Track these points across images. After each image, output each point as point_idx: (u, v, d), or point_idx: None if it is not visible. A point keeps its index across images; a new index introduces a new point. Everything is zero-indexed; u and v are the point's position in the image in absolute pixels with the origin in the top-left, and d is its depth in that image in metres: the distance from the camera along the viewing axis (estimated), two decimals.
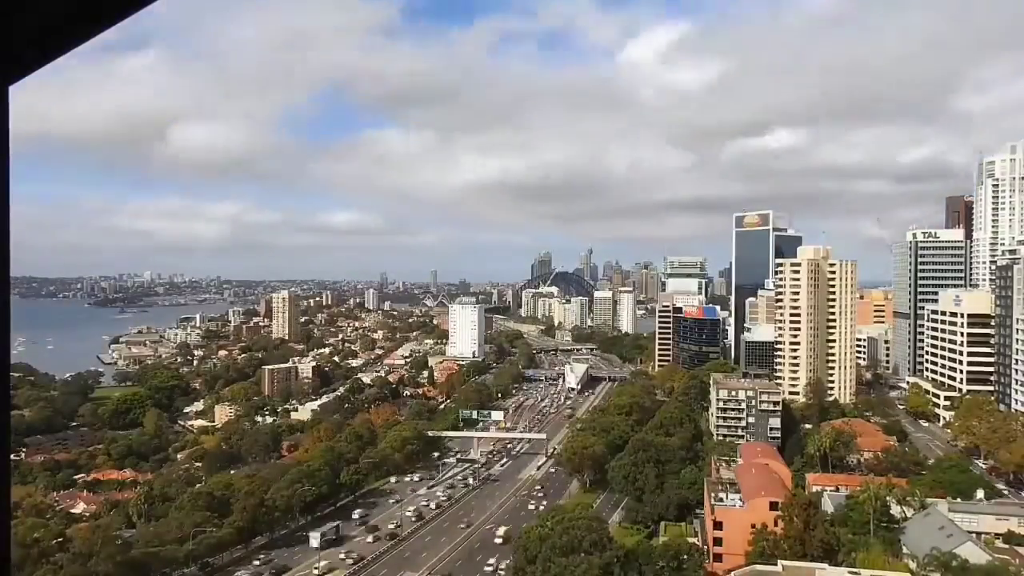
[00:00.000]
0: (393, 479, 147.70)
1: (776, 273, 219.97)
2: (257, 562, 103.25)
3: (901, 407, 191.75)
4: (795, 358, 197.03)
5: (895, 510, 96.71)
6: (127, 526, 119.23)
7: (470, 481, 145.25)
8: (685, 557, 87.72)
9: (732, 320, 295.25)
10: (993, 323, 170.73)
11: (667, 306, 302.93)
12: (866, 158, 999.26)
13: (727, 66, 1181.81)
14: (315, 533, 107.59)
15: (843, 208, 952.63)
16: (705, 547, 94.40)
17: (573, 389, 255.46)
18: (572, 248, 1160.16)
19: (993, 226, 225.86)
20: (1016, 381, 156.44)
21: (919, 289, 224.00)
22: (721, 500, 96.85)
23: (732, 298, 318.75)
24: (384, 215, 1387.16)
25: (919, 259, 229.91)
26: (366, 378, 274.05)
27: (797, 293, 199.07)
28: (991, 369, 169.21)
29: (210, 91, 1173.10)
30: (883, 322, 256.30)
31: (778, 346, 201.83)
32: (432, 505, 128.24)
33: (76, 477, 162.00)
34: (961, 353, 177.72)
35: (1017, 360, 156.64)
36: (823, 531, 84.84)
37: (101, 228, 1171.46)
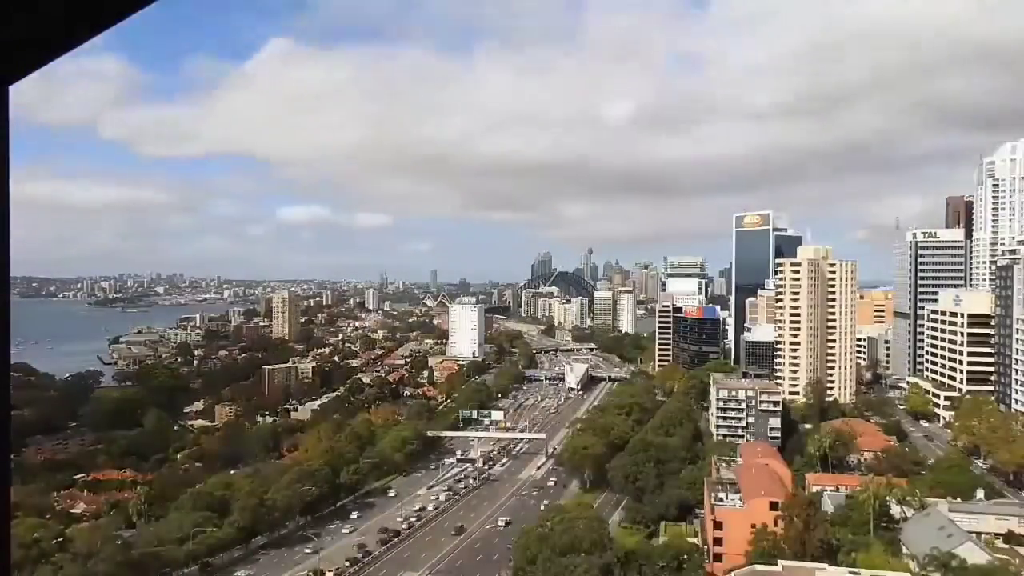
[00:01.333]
0: (392, 479, 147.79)
1: (776, 273, 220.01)
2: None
3: (901, 407, 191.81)
4: (795, 358, 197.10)
5: (895, 510, 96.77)
6: (127, 526, 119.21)
7: (470, 481, 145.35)
8: (685, 557, 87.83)
9: (732, 320, 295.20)
10: (993, 323, 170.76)
11: (667, 306, 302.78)
12: None
13: None
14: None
15: None
16: (705, 547, 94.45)
17: (573, 389, 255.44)
18: (572, 248, 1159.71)
19: (993, 226, 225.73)
20: (1016, 381, 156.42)
21: (919, 289, 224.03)
22: (721, 500, 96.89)
23: (732, 298, 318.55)
24: None
25: (919, 259, 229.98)
26: (366, 378, 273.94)
27: (797, 293, 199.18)
28: (991, 369, 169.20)
29: None
30: (883, 322, 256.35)
31: (778, 346, 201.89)
32: (429, 507, 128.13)
33: (76, 477, 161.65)
34: (961, 353, 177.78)
35: (1017, 360, 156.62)
36: (823, 531, 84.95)
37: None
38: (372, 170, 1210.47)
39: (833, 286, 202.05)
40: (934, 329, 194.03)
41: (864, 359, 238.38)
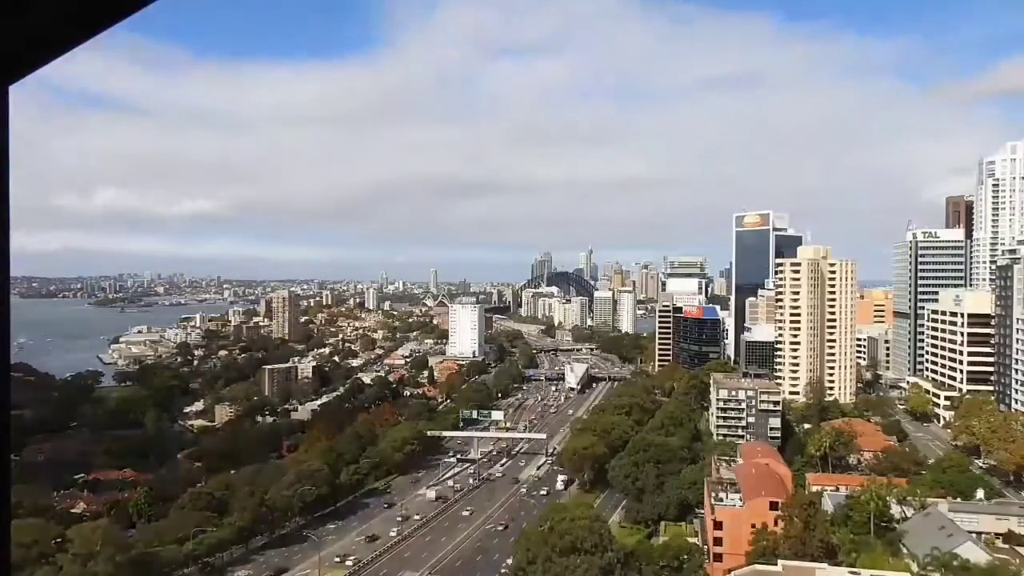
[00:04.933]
0: (392, 479, 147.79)
1: (776, 273, 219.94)
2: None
3: (901, 407, 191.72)
4: (795, 358, 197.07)
5: (895, 510, 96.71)
6: (127, 526, 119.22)
7: (470, 481, 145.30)
8: (685, 557, 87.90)
9: (732, 320, 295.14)
10: (993, 323, 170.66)
11: (667, 306, 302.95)
12: None
13: None
14: None
15: None
16: (705, 547, 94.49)
17: (573, 389, 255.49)
18: (572, 248, 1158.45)
19: (993, 226, 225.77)
20: (1016, 381, 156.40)
21: (919, 289, 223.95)
22: (721, 500, 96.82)
23: (732, 298, 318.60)
24: None
25: (919, 259, 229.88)
26: (366, 378, 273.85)
27: (797, 293, 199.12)
28: (991, 369, 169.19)
29: None
30: (883, 322, 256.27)
31: (778, 346, 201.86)
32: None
33: (76, 477, 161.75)
34: (961, 353, 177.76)
35: (1017, 360, 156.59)
36: (823, 531, 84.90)
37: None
38: None
39: (833, 286, 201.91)
40: (934, 329, 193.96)
41: (864, 359, 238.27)
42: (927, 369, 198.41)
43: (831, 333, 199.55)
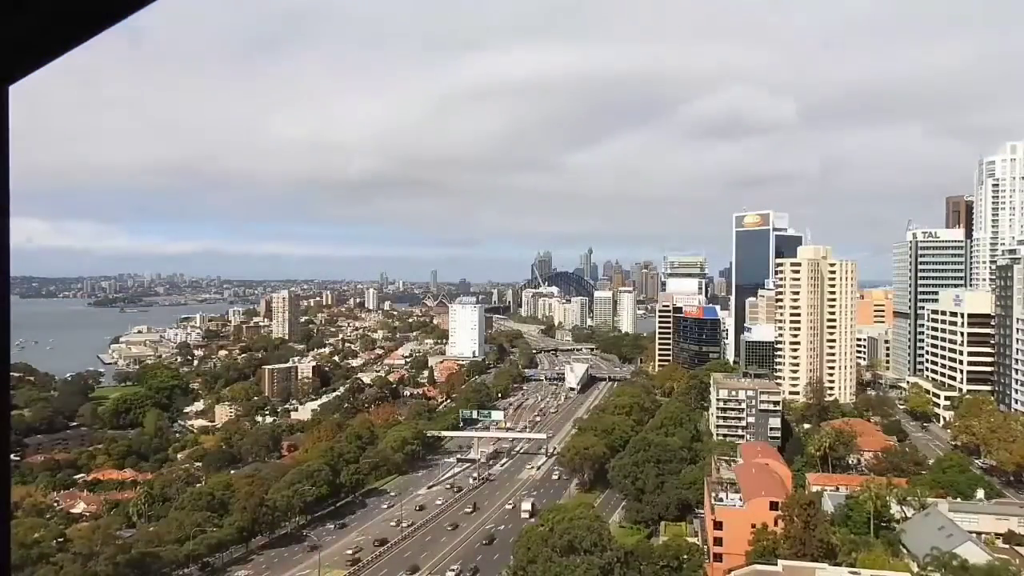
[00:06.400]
0: (391, 479, 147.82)
1: (776, 273, 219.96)
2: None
3: (901, 407, 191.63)
4: (795, 358, 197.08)
5: (895, 510, 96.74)
6: (127, 526, 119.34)
7: (470, 481, 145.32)
8: (685, 557, 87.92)
9: (732, 320, 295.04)
10: (993, 323, 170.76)
11: (667, 306, 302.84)
12: None
13: None
14: None
15: None
16: (705, 547, 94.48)
17: (573, 389, 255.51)
18: (572, 248, 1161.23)
19: (993, 226, 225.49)
20: (1016, 381, 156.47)
21: (919, 289, 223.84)
22: (721, 500, 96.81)
23: (732, 298, 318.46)
24: None
25: (919, 259, 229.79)
26: (366, 378, 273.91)
27: (797, 293, 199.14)
28: (991, 369, 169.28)
29: None
30: (883, 322, 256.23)
31: (778, 346, 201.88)
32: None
33: (76, 477, 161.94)
34: (961, 353, 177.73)
35: (1017, 360, 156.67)
36: (823, 531, 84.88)
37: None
38: None
39: (833, 286, 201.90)
40: (934, 329, 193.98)
41: (864, 359, 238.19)
42: (927, 369, 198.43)
43: (831, 333, 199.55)
